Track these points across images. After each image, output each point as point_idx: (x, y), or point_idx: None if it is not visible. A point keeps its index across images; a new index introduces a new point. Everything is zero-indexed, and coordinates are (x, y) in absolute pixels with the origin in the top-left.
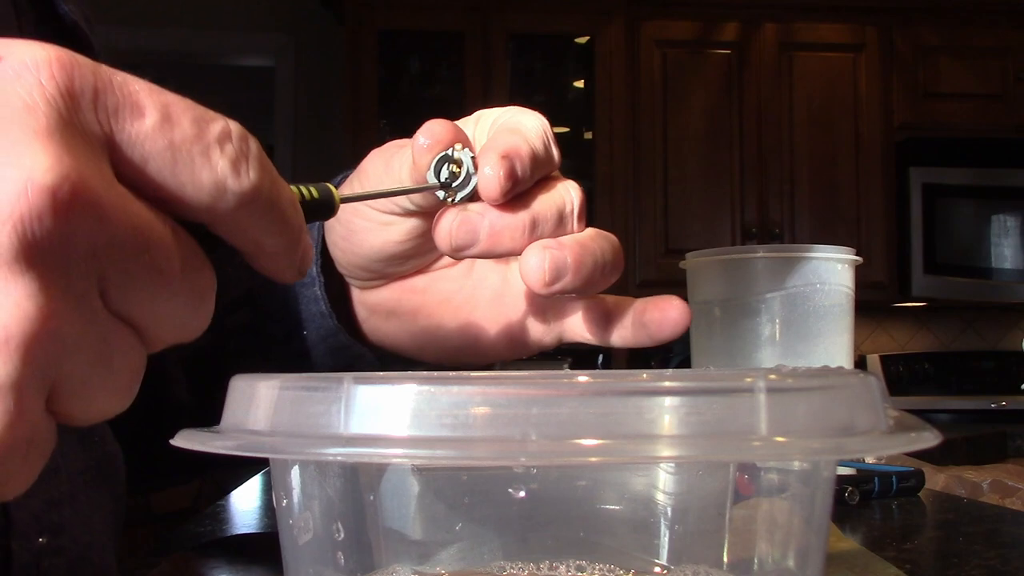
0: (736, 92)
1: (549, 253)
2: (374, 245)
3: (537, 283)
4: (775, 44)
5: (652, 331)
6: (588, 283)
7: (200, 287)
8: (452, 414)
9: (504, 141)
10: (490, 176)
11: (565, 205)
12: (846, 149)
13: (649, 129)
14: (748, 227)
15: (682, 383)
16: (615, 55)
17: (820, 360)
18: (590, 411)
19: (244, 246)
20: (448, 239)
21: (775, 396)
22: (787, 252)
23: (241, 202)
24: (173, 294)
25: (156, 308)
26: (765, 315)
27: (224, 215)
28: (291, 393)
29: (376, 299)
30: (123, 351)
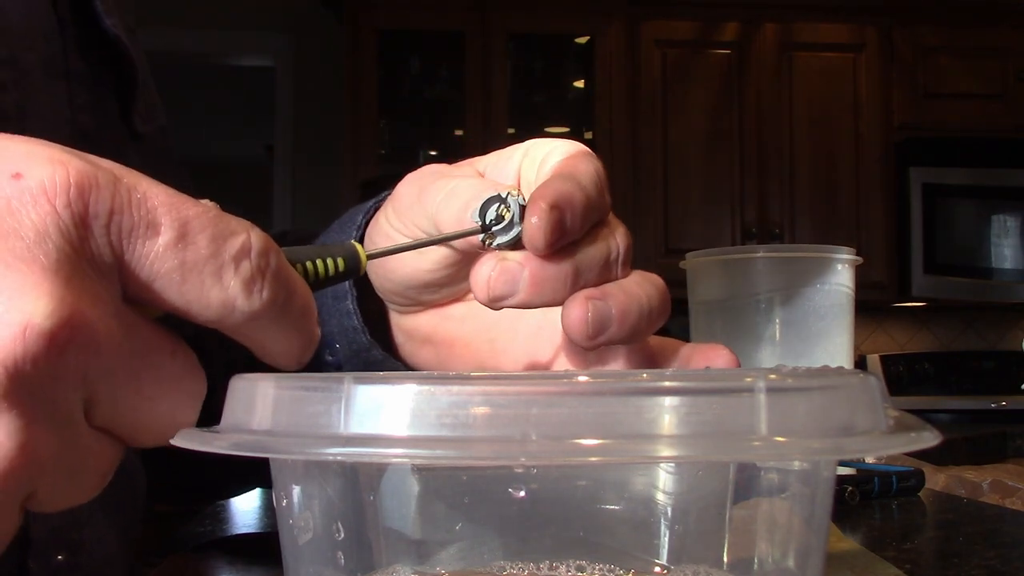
0: (736, 92)
1: (592, 304)
2: (406, 273)
3: (580, 336)
4: (775, 44)
5: None
6: (633, 333)
7: (190, 393)
8: (452, 414)
9: (556, 189)
10: (536, 226)
11: (611, 253)
12: (846, 149)
13: (649, 129)
14: (748, 227)
15: (682, 383)
16: (615, 55)
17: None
18: (590, 411)
19: (248, 345)
20: (486, 289)
21: (775, 396)
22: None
23: (250, 318)
24: (160, 405)
25: (140, 418)
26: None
27: (230, 328)
28: (291, 393)
29: (412, 324)
30: (99, 456)
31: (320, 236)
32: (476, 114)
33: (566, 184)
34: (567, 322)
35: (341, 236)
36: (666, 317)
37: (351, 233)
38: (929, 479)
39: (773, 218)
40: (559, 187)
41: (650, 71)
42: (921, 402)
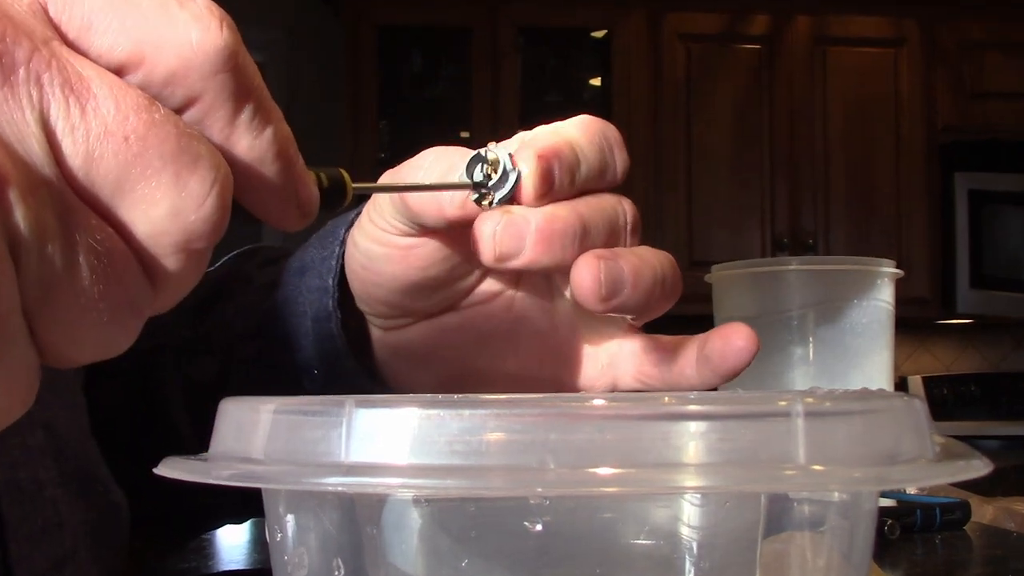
0: (766, 90)
1: (604, 263)
2: (395, 274)
3: (592, 297)
4: (808, 38)
5: (715, 364)
6: (648, 300)
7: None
8: (463, 440)
9: (544, 139)
10: (525, 175)
11: (618, 217)
12: (885, 152)
13: (671, 130)
14: (779, 237)
15: (711, 407)
16: (635, 50)
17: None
18: (612, 437)
19: (217, 136)
20: (492, 245)
21: (812, 421)
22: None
23: (218, 59)
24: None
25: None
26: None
27: (198, 76)
28: (287, 417)
29: (401, 340)
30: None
31: (297, 253)
32: (483, 115)
33: (554, 136)
34: (577, 282)
35: (322, 252)
36: (678, 293)
37: (333, 248)
38: (976, 511)
39: (806, 227)
40: (547, 137)
41: (673, 67)
42: (967, 427)
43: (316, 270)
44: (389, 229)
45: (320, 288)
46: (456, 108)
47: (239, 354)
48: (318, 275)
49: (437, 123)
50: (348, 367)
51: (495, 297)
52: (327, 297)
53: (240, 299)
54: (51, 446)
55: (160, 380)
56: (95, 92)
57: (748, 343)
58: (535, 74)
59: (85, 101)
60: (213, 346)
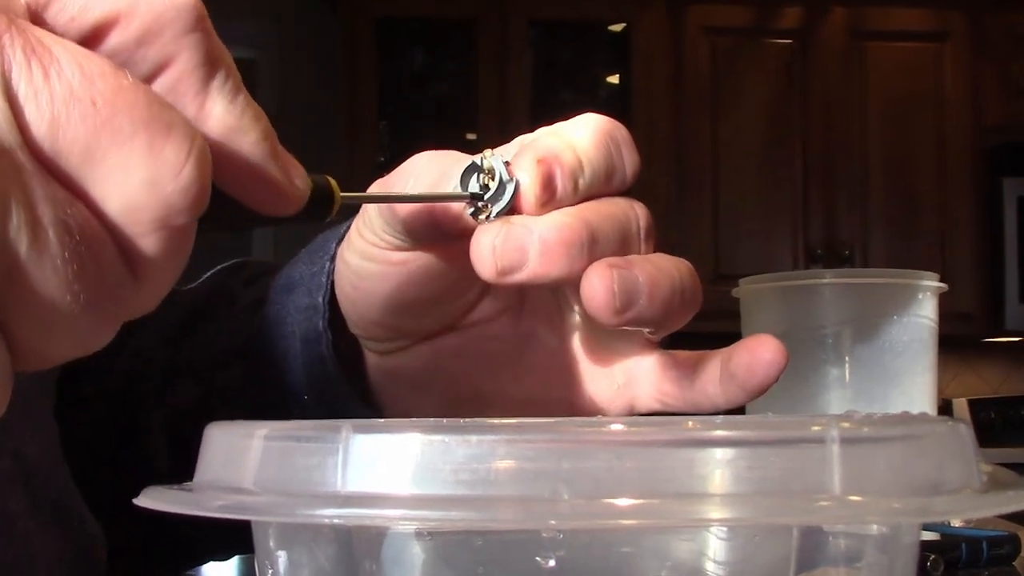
0: (798, 88)
1: (617, 273)
2: (388, 292)
3: (606, 310)
4: (844, 31)
5: (742, 379)
6: (666, 311)
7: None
8: (469, 468)
9: (543, 143)
10: (523, 183)
11: (630, 222)
12: (928, 156)
13: (695, 133)
14: (813, 248)
15: (739, 432)
16: (655, 45)
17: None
18: (631, 465)
19: (190, 104)
20: (492, 259)
21: (849, 448)
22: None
23: (190, 17)
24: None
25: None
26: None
27: (171, 35)
28: (279, 444)
29: (397, 364)
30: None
31: (284, 268)
32: (490, 115)
33: (554, 138)
34: (588, 294)
35: (311, 267)
36: (699, 303)
37: (323, 263)
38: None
39: (842, 237)
40: (546, 140)
41: (697, 64)
42: (1017, 454)
43: (304, 287)
44: (380, 244)
45: (309, 307)
46: (461, 108)
47: (222, 379)
48: (307, 292)
49: (440, 124)
50: (340, 392)
51: (499, 314)
52: (317, 316)
53: (224, 319)
54: (21, 475)
55: (137, 406)
56: (57, 56)
57: (776, 356)
58: (547, 71)
59: (48, 64)
60: (194, 370)
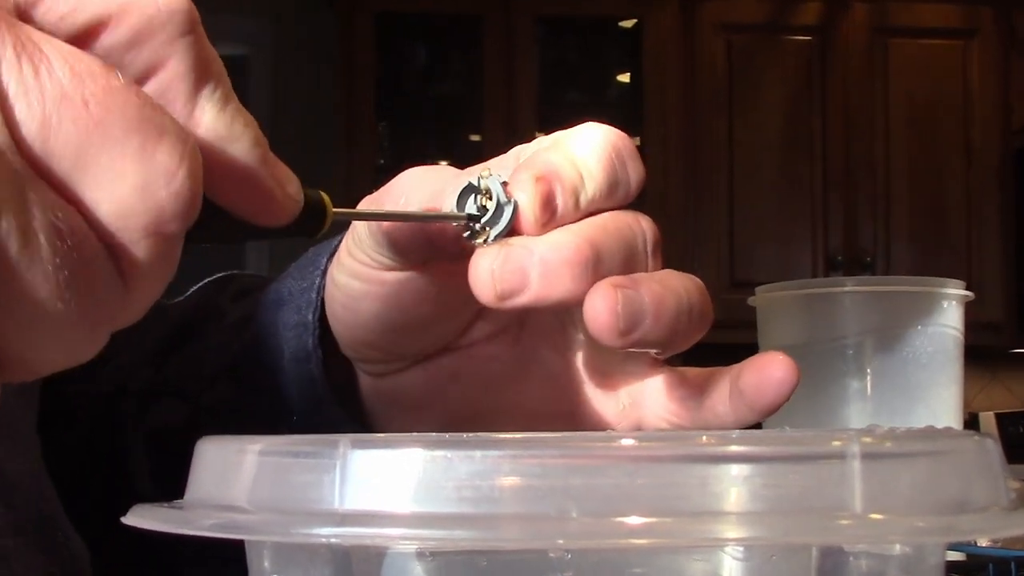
0: (818, 88)
1: (621, 293)
2: (380, 313)
3: (609, 332)
4: (866, 29)
5: (751, 399)
6: (672, 332)
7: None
8: (473, 485)
9: (541, 160)
10: (522, 204)
11: (636, 238)
12: (954, 158)
13: (710, 134)
14: (833, 255)
15: (755, 447)
16: (668, 42)
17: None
18: (643, 482)
19: (180, 110)
20: (491, 283)
21: (870, 463)
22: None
23: (183, 21)
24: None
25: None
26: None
27: (163, 38)
28: (274, 460)
29: (392, 387)
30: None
31: (274, 283)
32: (496, 116)
33: (553, 154)
34: (591, 315)
35: (301, 283)
36: (708, 323)
37: (313, 279)
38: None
39: (863, 243)
40: (544, 157)
41: (711, 62)
42: None
43: (294, 303)
44: (369, 263)
45: (299, 324)
46: (464, 108)
47: (208, 398)
48: (296, 309)
49: (443, 125)
50: (332, 414)
51: (497, 334)
52: (306, 334)
53: (211, 336)
54: (2, 491)
55: (118, 428)
56: (48, 54)
57: (787, 374)
58: (555, 69)
59: (39, 62)
60: (180, 389)
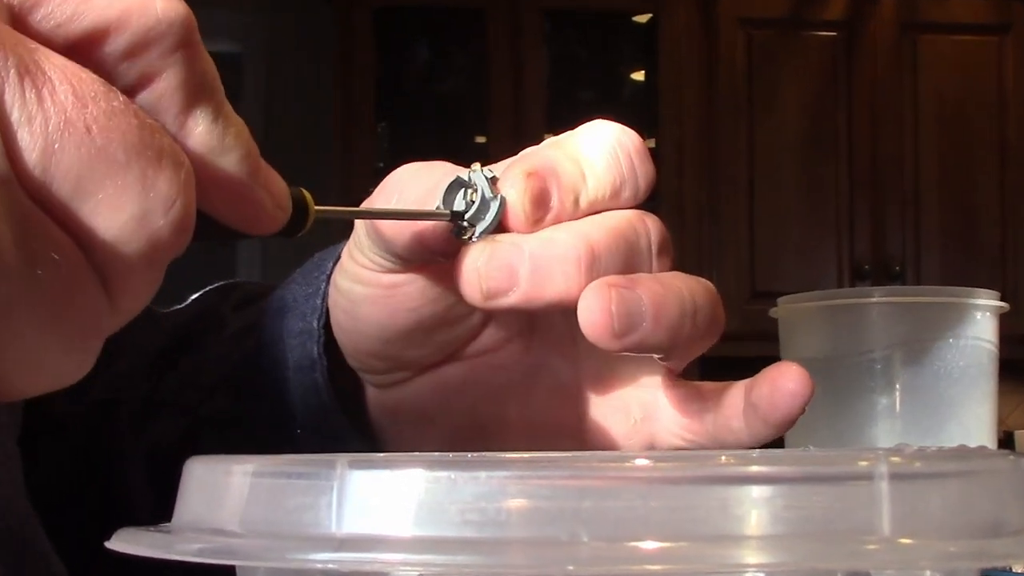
0: (843, 86)
1: (616, 292)
2: (381, 318)
3: (603, 333)
4: (894, 24)
5: (764, 412)
6: (674, 336)
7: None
8: (478, 508)
9: (538, 156)
10: (511, 198)
11: (638, 237)
12: (987, 161)
13: (730, 135)
14: (859, 263)
15: (777, 468)
16: (685, 38)
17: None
18: (658, 504)
19: (171, 124)
20: (476, 281)
21: (899, 484)
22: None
23: (182, 31)
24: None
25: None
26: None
27: (160, 50)
28: (267, 481)
29: (398, 398)
30: None
31: (278, 290)
32: (502, 116)
33: (551, 150)
34: (584, 315)
35: (306, 289)
36: (718, 329)
37: (319, 284)
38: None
39: (892, 251)
40: (541, 152)
41: (731, 59)
42: None
43: (298, 310)
44: (369, 265)
45: (303, 331)
46: (469, 108)
47: (207, 410)
48: (301, 316)
49: (446, 126)
50: (336, 425)
51: (506, 343)
52: (311, 342)
53: (210, 346)
54: None
55: (113, 441)
56: (50, 76)
57: (799, 386)
58: (565, 67)
59: (41, 85)
60: (178, 401)
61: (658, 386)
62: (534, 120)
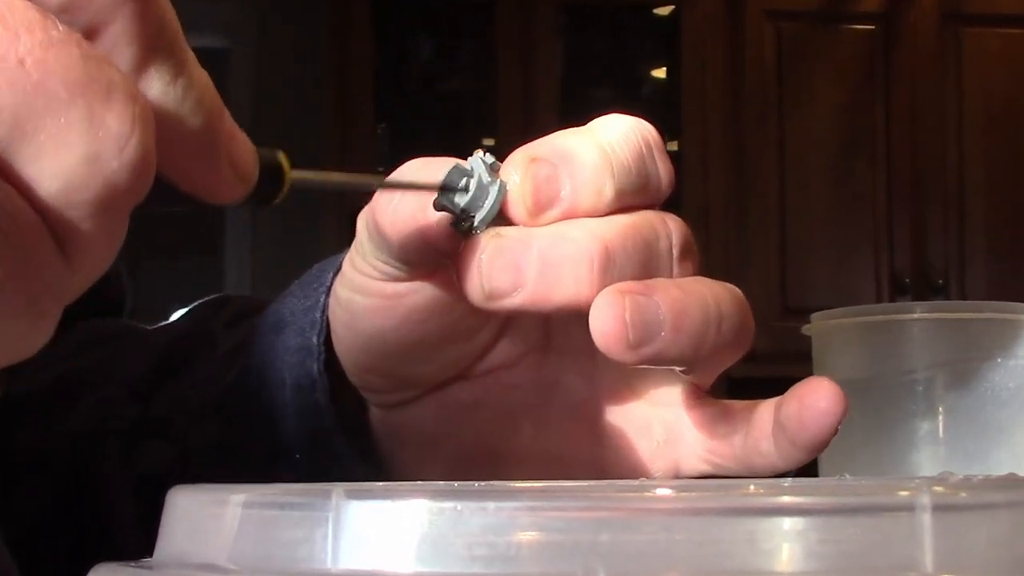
0: (881, 85)
1: (631, 299)
2: (385, 331)
3: (617, 343)
4: (936, 16)
5: (793, 433)
6: (697, 346)
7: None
8: (486, 542)
9: (549, 141)
10: (511, 186)
11: (658, 239)
12: None
13: (758, 136)
14: (899, 276)
15: (810, 498)
16: (710, 32)
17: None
18: (681, 537)
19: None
20: (478, 279)
21: (943, 516)
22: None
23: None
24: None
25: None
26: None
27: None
28: (258, 512)
29: (404, 419)
30: None
31: (274, 304)
32: (512, 116)
33: (574, 138)
34: (596, 324)
35: (304, 301)
36: (748, 338)
37: (318, 297)
38: None
39: (934, 263)
40: (558, 138)
41: (760, 54)
42: None
43: (296, 325)
44: (372, 273)
45: (301, 348)
46: (477, 107)
47: (196, 438)
48: (298, 331)
49: (451, 127)
50: (338, 450)
51: (519, 359)
52: (310, 359)
53: (201, 367)
54: None
55: (98, 473)
56: None
57: (831, 403)
58: (580, 63)
59: None
60: (166, 430)
61: (682, 405)
62: (546, 121)
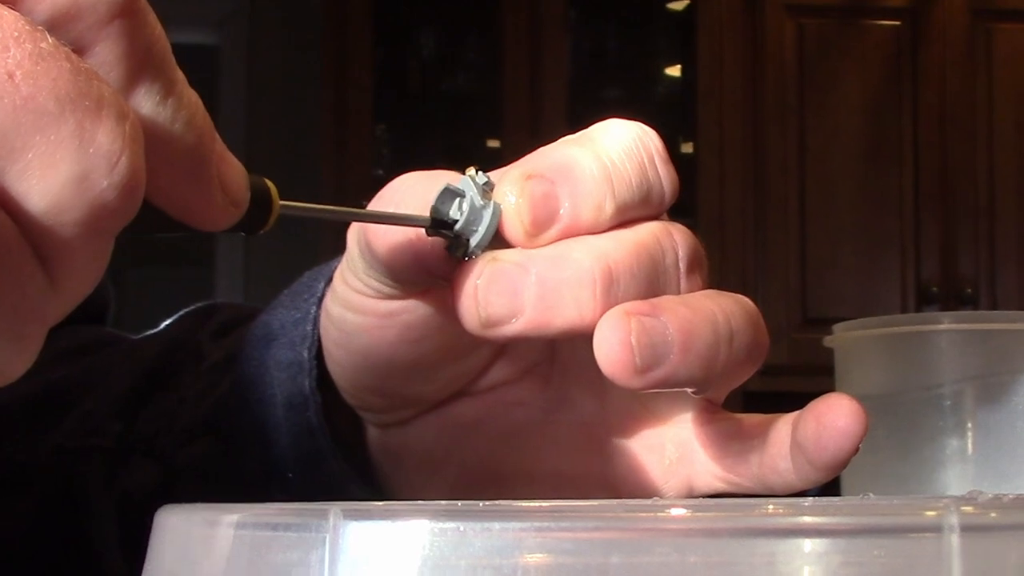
0: (908, 83)
1: (637, 321)
2: (379, 350)
3: (623, 369)
4: (965, 12)
5: (810, 452)
6: (708, 367)
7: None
8: (491, 564)
9: (548, 154)
10: (505, 208)
11: (663, 253)
12: None
13: (778, 138)
14: (926, 285)
15: (832, 519)
16: (727, 28)
17: None
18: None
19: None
20: (474, 307)
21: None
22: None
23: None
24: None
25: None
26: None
27: (91, 20)
28: (251, 534)
29: (401, 439)
30: None
31: (263, 315)
32: (519, 116)
33: (567, 148)
34: (601, 350)
35: (294, 313)
36: (760, 355)
37: (308, 308)
38: None
39: (963, 272)
40: (555, 150)
41: (779, 52)
42: None
43: (286, 338)
44: (364, 290)
45: (292, 363)
46: (481, 108)
47: (184, 457)
48: (289, 345)
49: (454, 129)
50: (333, 470)
51: (522, 376)
52: (302, 375)
53: (188, 382)
54: None
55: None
56: None
57: (850, 422)
58: (591, 60)
59: None
60: (151, 449)
61: (695, 421)
62: (554, 122)
